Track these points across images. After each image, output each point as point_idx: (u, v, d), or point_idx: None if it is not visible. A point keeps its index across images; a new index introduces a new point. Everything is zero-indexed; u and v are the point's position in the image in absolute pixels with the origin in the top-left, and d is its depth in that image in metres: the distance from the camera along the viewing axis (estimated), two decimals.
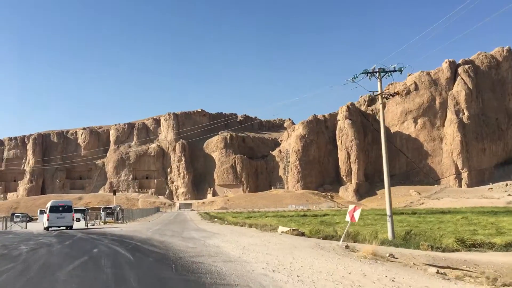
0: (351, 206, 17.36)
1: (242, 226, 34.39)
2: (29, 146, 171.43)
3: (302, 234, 24.53)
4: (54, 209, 36.69)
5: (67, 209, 37.19)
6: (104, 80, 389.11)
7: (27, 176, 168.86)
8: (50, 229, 36.47)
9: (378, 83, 24.97)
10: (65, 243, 20.15)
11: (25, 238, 26.12)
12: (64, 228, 37.17)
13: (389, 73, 25.34)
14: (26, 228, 46.25)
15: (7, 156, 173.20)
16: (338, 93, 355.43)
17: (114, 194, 75.64)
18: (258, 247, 15.81)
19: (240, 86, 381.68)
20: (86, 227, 41.75)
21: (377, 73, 25.39)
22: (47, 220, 36.17)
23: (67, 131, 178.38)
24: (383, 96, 25.10)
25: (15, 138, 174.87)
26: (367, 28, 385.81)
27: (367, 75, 25.49)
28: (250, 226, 32.69)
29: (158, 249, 16.03)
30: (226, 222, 44.69)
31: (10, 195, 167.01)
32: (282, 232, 24.80)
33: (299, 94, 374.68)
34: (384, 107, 27.00)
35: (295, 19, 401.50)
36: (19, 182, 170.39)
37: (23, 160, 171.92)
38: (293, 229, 24.81)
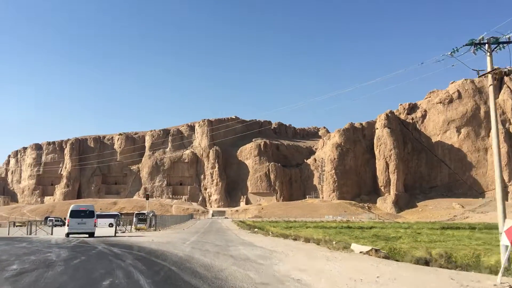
0: (510, 222, 10.62)
1: (295, 239, 27.89)
2: (67, 151, 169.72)
3: (387, 257, 17.86)
4: (74, 213, 32.35)
5: (89, 214, 32.65)
6: (140, 86, 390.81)
7: (64, 181, 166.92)
8: (70, 235, 32.71)
9: (488, 59, 17.90)
10: (73, 262, 14.21)
11: (34, 250, 20.47)
12: (86, 235, 32.82)
13: (503, 45, 18.21)
14: (52, 233, 41.06)
15: (45, 160, 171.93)
16: (375, 101, 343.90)
17: (147, 199, 70.28)
18: (366, 286, 9.36)
19: (275, 93, 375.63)
20: (114, 235, 36.08)
21: (486, 44, 18.27)
22: (67, 225, 32.20)
23: (104, 136, 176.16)
24: (498, 73, 17.87)
25: (53, 142, 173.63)
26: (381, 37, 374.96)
27: (472, 48, 18.44)
28: (307, 240, 26.16)
29: (206, 284, 9.76)
30: (270, 233, 38.19)
31: (47, 198, 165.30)
32: (361, 252, 18.22)
33: (336, 102, 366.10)
34: (495, 91, 19.89)
35: (332, 24, 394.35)
36: (56, 186, 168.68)
37: (61, 165, 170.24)
38: (375, 249, 18.13)
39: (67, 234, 32.20)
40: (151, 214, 53.72)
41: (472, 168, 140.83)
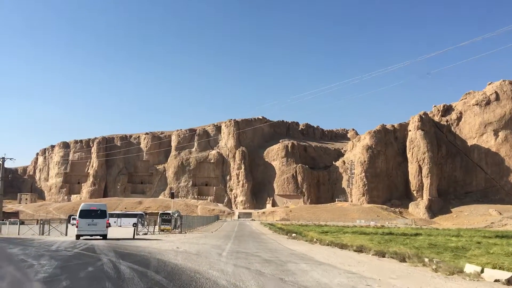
0: None
1: (359, 251, 21.25)
2: (94, 149, 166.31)
3: None
4: (84, 213, 28.31)
5: (100, 214, 28.57)
6: (167, 85, 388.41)
7: (91, 179, 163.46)
8: (81, 237, 28.55)
9: None
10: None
11: (19, 259, 14.72)
12: (99, 237, 28.63)
13: None
14: (66, 234, 35.44)
15: (72, 158, 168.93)
16: (407, 102, 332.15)
17: (172, 197, 64.61)
18: None
19: (303, 94, 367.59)
20: (132, 238, 30.11)
21: None
22: (76, 227, 28.10)
23: (130, 135, 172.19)
24: None
25: (81, 141, 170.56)
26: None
27: None
28: (381, 254, 19.46)
29: None
30: (316, 240, 31.57)
31: (73, 197, 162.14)
32: (496, 280, 11.47)
33: (364, 103, 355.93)
34: None
35: (359, 27, 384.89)
36: (83, 184, 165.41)
37: (87, 163, 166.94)
38: None
39: (77, 236, 28.13)
40: (177, 214, 47.69)
41: (511, 173, 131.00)
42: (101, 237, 28.45)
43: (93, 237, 28.68)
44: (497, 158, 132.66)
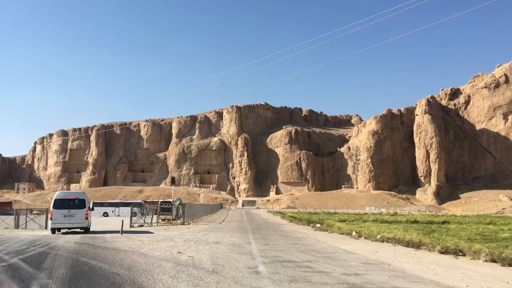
0: None
1: (416, 247, 14.08)
2: (93, 138, 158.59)
3: None
4: (59, 203, 23.34)
5: (79, 203, 23.51)
6: (167, 72, 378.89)
7: (90, 168, 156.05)
8: (57, 231, 23.62)
9: None
10: None
11: None
12: (80, 230, 24.16)
13: None
14: (46, 227, 28.26)
15: (71, 147, 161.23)
16: (413, 86, 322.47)
17: (173, 183, 57.15)
18: None
19: (306, 80, 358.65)
20: (120, 233, 22.87)
21: None
22: (50, 219, 23.28)
23: (130, 123, 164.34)
24: None
25: (79, 129, 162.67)
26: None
27: None
28: (455, 253, 12.33)
29: None
30: (354, 233, 24.42)
31: (73, 186, 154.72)
32: None
33: (367, 90, 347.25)
34: None
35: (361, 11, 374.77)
36: (82, 173, 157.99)
37: (87, 152, 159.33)
38: None
39: (53, 230, 23.33)
40: (178, 202, 40.35)
41: None
42: (82, 230, 24.10)
43: (72, 230, 24.05)
44: (506, 142, 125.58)
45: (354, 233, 25.64)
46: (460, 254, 14.75)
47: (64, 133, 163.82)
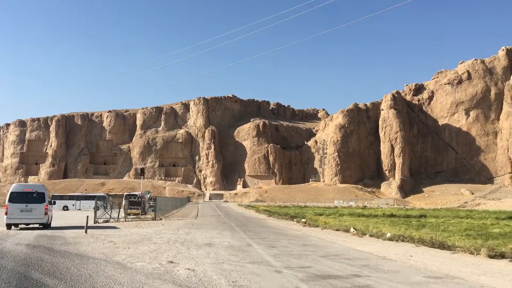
0: None
1: (440, 248, 11.19)
2: (52, 128, 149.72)
3: None
4: (16, 197, 20.94)
5: (37, 197, 21.06)
6: (130, 60, 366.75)
7: (49, 160, 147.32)
8: (13, 227, 21.50)
9: None
10: None
11: None
12: (40, 226, 21.66)
13: None
14: None
15: (29, 137, 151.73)
16: (379, 82, 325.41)
17: (142, 174, 52.74)
18: None
19: (273, 73, 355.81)
20: (85, 230, 18.95)
21: None
22: (6, 214, 20.92)
23: (92, 114, 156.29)
24: None
25: (38, 119, 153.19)
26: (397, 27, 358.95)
27: None
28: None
29: None
30: (352, 230, 21.63)
31: (31, 178, 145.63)
32: None
33: (334, 85, 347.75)
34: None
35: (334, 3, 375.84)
36: (41, 165, 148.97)
37: (46, 143, 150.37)
38: None
39: (8, 226, 21.19)
40: (149, 195, 36.23)
41: (481, 153, 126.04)
42: (43, 227, 21.75)
43: (29, 226, 21.79)
44: (468, 137, 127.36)
45: (352, 229, 22.75)
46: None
47: (21, 123, 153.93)
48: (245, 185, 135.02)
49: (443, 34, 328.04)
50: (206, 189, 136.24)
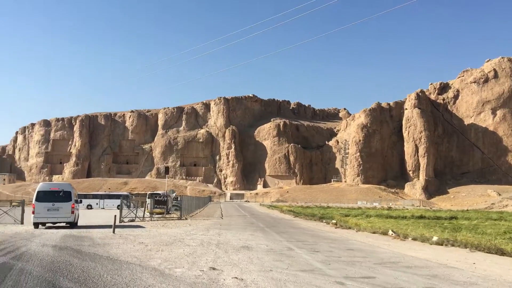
0: None
1: None
2: (76, 128, 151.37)
3: None
4: (42, 196, 20.70)
5: (64, 196, 20.72)
6: (153, 62, 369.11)
7: (73, 159, 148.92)
8: (40, 226, 21.20)
9: None
10: None
11: None
12: (66, 224, 21.25)
13: None
14: (21, 222, 23.49)
15: (53, 137, 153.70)
16: (402, 81, 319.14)
17: (167, 172, 52.15)
18: None
19: (293, 73, 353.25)
20: (113, 231, 18.03)
21: None
22: (33, 213, 20.61)
23: (115, 114, 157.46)
24: None
25: (62, 119, 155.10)
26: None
27: None
28: None
29: None
30: (383, 231, 20.28)
31: (55, 177, 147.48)
32: None
33: (355, 84, 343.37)
34: None
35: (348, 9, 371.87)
36: (65, 164, 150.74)
37: (70, 142, 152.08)
38: None
39: (35, 225, 20.87)
40: (174, 194, 35.37)
41: (508, 153, 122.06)
42: (68, 225, 21.49)
43: (56, 225, 21.46)
44: (494, 137, 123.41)
45: (390, 232, 21.35)
46: None
47: (46, 123, 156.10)
48: (265, 185, 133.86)
49: (468, 32, 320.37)
50: (226, 189, 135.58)
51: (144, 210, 32.72)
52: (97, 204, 60.69)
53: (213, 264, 9.47)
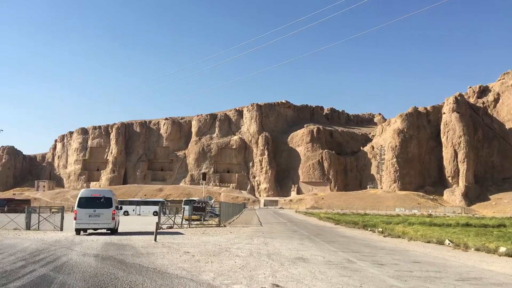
0: None
1: None
2: (112, 136, 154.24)
3: None
4: (84, 202, 20.63)
5: (105, 202, 20.64)
6: (186, 70, 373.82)
7: (110, 166, 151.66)
8: (82, 232, 20.96)
9: None
10: None
11: None
12: (107, 231, 21.16)
13: None
14: (61, 228, 23.06)
15: (91, 145, 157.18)
16: (439, 84, 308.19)
17: (204, 178, 51.25)
18: None
19: (327, 78, 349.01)
20: (155, 238, 17.10)
21: None
22: (75, 219, 20.53)
23: (150, 121, 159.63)
24: None
25: (99, 127, 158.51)
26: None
27: None
28: None
29: None
30: (439, 241, 18.62)
31: (93, 184, 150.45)
32: None
33: (390, 88, 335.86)
34: None
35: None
36: (102, 171, 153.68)
37: (106, 150, 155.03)
38: None
39: (77, 231, 20.69)
40: (212, 201, 34.53)
41: None
42: (109, 231, 21.32)
43: (97, 231, 21.34)
44: None
45: (447, 241, 19.63)
46: None
47: (84, 131, 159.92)
48: (299, 192, 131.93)
49: (509, 33, 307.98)
50: (260, 195, 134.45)
51: (182, 217, 31.99)
52: (133, 210, 60.77)
53: (273, 279, 8.33)
